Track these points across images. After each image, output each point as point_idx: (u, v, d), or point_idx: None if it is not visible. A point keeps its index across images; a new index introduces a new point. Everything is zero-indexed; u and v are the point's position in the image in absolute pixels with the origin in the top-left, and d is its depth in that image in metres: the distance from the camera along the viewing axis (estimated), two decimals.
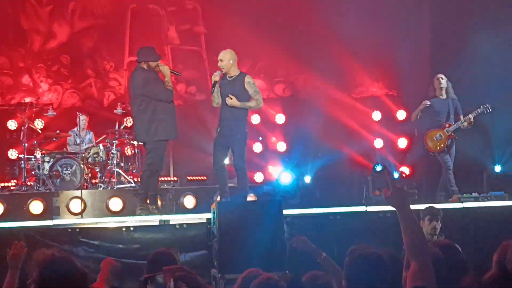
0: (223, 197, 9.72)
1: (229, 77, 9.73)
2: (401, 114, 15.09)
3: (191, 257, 8.78)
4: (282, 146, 15.27)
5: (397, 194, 4.07)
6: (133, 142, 13.04)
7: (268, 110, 15.21)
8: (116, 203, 11.38)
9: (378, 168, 13.78)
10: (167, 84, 9.84)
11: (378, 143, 15.21)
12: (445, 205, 10.43)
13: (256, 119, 14.98)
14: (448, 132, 11.67)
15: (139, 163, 13.01)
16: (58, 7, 15.63)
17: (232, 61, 9.69)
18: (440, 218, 7.89)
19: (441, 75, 11.93)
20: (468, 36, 13.92)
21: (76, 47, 15.70)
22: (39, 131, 13.25)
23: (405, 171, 14.80)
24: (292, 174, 14.06)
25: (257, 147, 15.13)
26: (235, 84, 9.67)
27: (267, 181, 14.38)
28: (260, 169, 14.72)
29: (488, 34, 13.60)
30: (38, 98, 13.93)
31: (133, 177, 12.88)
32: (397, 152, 15.12)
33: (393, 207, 4.07)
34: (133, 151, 13.20)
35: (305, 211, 9.85)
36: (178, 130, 10.02)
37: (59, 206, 11.37)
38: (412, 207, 4.06)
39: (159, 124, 9.69)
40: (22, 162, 12.53)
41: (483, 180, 13.30)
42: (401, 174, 14.43)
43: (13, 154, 13.89)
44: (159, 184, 11.25)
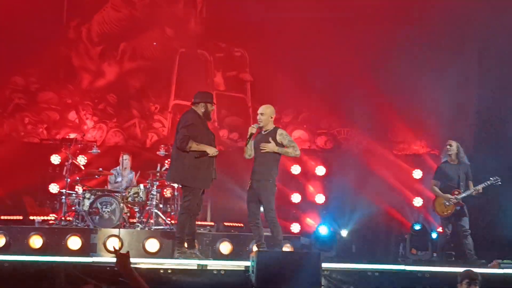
0: (260, 248, 9.70)
1: (264, 131, 9.86)
2: None
3: None
4: (321, 198, 15.23)
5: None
6: (173, 185, 13.09)
7: (309, 161, 15.24)
8: (153, 244, 11.41)
9: (417, 227, 13.72)
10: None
11: (418, 202, 15.12)
12: (484, 270, 10.23)
13: (296, 170, 15.00)
14: (457, 200, 11.73)
15: (177, 206, 13.04)
16: (109, 47, 15.98)
17: (272, 117, 9.89)
18: (479, 283, 7.72)
19: (451, 142, 12.08)
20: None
21: (123, 87, 15.97)
22: (82, 167, 13.38)
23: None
24: (330, 227, 14.05)
25: (296, 198, 15.12)
26: (268, 138, 9.79)
27: (304, 232, 14.34)
28: (297, 220, 14.69)
29: None
30: (84, 135, 14.13)
31: (171, 219, 12.91)
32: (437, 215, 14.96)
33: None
34: (172, 193, 13.25)
35: (344, 266, 9.75)
36: (218, 176, 10.02)
37: (97, 243, 11.43)
38: (449, 269, 4.03)
39: (198, 171, 9.70)
40: (63, 197, 12.63)
41: None
42: (439, 234, 14.26)
43: (54, 188, 14.09)
44: (196, 228, 11.23)
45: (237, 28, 15.85)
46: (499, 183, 11.69)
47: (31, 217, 13.22)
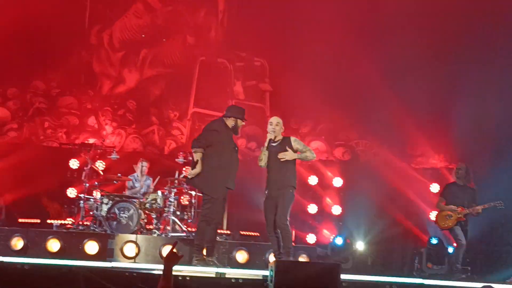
0: (277, 258, 9.70)
1: (275, 142, 9.95)
2: None
3: None
4: (337, 210, 15.20)
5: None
6: (191, 192, 13.11)
7: (326, 172, 15.23)
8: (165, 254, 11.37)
9: (434, 241, 13.67)
10: None
11: (434, 216, 15.00)
12: (503, 286, 10.20)
13: (314, 181, 14.99)
14: (459, 215, 11.89)
15: (195, 213, 13.07)
16: (130, 54, 16.10)
17: (283, 128, 10.08)
18: None
19: (461, 165, 12.36)
20: None
21: (143, 94, 16.07)
22: (101, 173, 13.42)
23: None
24: (346, 239, 14.03)
25: (312, 208, 15.10)
26: (282, 147, 9.88)
27: (320, 243, 14.30)
28: (313, 231, 14.66)
29: None
30: (104, 141, 14.17)
31: (187, 227, 12.92)
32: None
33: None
34: (190, 201, 13.27)
35: (362, 278, 9.73)
36: (235, 184, 10.05)
37: (113, 249, 11.44)
38: (465, 285, 4.04)
39: (214, 180, 9.73)
40: (81, 202, 12.66)
41: None
42: (455, 248, 14.20)
43: (72, 193, 14.13)
44: (216, 237, 11.23)
45: (258, 38, 15.90)
46: (502, 207, 11.84)
47: (49, 221, 13.26)
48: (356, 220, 14.66)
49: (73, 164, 14.33)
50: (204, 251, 9.90)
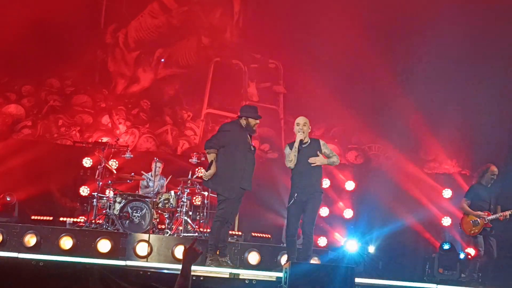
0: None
1: (304, 144, 9.84)
2: None
3: None
4: (349, 213, 15.19)
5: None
6: (204, 193, 13.13)
7: (338, 176, 15.21)
8: (182, 251, 11.37)
9: (446, 247, 13.62)
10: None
11: (446, 221, 15.03)
12: None
13: (326, 183, 14.97)
14: (486, 221, 11.70)
15: (208, 214, 13.08)
16: (145, 53, 16.14)
17: (310, 128, 9.94)
18: None
19: (495, 168, 12.01)
20: None
21: (157, 94, 16.10)
22: (114, 171, 13.45)
23: (471, 252, 14.51)
24: (358, 242, 14.01)
25: (324, 211, 15.07)
26: (313, 149, 9.79)
27: (331, 246, 14.28)
28: (325, 234, 14.64)
29: None
30: (118, 140, 14.18)
31: (199, 227, 12.94)
32: (464, 233, 14.86)
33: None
34: (202, 201, 13.28)
35: (375, 281, 9.72)
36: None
37: (126, 248, 11.44)
38: None
39: (225, 181, 9.74)
40: (94, 200, 12.69)
41: None
42: (467, 255, 14.15)
43: (85, 191, 14.19)
44: (228, 237, 11.23)
45: (273, 40, 15.92)
46: None
47: (62, 219, 13.30)
48: (368, 224, 14.64)
49: (86, 163, 14.39)
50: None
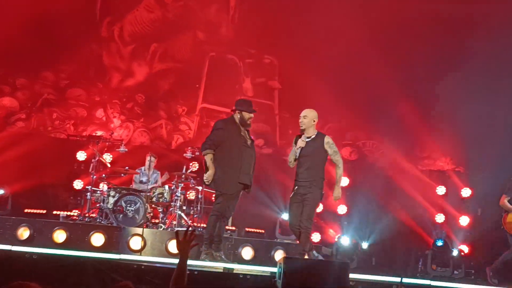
0: (307, 255, 9.62)
1: (307, 137, 9.78)
2: (466, 192, 14.97)
3: None
4: (343, 209, 15.19)
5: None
6: (198, 187, 13.12)
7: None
8: (176, 244, 11.35)
9: (439, 243, 13.66)
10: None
11: (440, 218, 15.04)
12: None
13: None
14: None
15: (202, 209, 13.07)
16: (140, 47, 16.10)
17: (314, 121, 9.78)
18: None
19: None
20: None
21: (152, 88, 16.07)
22: (108, 165, 13.42)
23: (464, 250, 14.57)
24: (351, 238, 14.03)
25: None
26: (314, 144, 9.72)
27: (324, 242, 14.29)
28: (318, 230, 14.64)
29: None
30: (112, 133, 14.16)
31: (193, 222, 12.92)
32: (458, 230, 14.91)
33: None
34: (196, 196, 13.27)
35: (369, 277, 9.71)
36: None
37: (119, 241, 11.43)
38: None
39: (224, 176, 9.72)
40: (88, 194, 12.66)
41: None
42: (460, 252, 14.20)
43: (78, 185, 14.15)
44: (224, 232, 11.22)
45: (268, 36, 15.92)
46: None
47: (55, 212, 13.27)
48: (362, 220, 14.66)
49: (80, 156, 14.35)
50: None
